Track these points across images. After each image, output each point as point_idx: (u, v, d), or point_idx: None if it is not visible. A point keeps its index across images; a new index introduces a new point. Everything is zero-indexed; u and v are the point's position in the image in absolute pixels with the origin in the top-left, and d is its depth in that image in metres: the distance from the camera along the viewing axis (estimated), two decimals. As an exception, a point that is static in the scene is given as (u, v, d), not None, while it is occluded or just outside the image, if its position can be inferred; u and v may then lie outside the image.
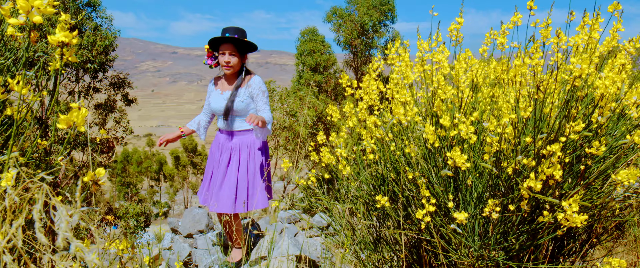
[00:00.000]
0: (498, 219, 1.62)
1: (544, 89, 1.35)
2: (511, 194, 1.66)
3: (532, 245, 1.68)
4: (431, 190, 1.67)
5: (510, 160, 1.52)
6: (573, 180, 1.65)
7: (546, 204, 1.63)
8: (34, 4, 0.63)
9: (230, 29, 2.68)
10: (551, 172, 1.40)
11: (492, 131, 1.48)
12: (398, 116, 1.57)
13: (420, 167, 1.64)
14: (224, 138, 2.80)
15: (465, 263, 1.83)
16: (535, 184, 1.41)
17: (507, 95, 1.62)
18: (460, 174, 1.70)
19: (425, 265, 2.10)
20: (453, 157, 1.48)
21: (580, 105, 1.41)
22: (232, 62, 2.66)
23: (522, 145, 1.48)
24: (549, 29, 1.66)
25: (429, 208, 1.49)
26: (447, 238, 1.78)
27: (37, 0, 0.63)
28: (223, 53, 2.67)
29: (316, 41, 13.06)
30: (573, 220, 1.42)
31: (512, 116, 1.36)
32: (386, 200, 1.67)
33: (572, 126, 1.43)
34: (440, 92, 1.55)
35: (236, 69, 2.72)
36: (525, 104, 1.48)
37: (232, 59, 2.66)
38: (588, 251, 1.98)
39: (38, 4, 0.63)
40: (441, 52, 1.84)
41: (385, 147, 1.88)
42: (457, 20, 1.89)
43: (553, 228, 1.63)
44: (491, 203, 1.48)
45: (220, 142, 2.82)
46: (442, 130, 1.62)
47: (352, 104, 2.14)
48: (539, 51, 1.64)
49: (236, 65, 2.69)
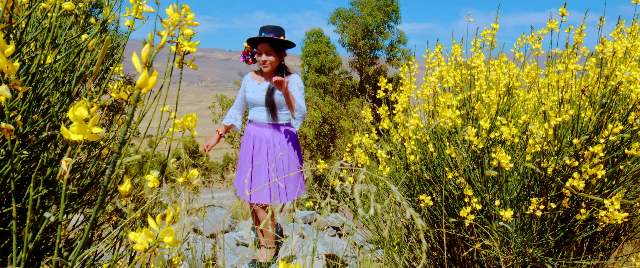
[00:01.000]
0: (538, 217, 1.70)
1: (588, 93, 1.42)
2: (548, 193, 1.73)
3: (569, 242, 1.76)
4: (473, 189, 1.75)
5: (551, 160, 1.60)
6: (609, 180, 1.73)
7: (583, 202, 1.71)
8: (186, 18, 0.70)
9: (267, 28, 2.73)
10: (594, 172, 1.47)
11: (535, 133, 1.56)
12: (443, 119, 1.64)
13: (463, 167, 1.71)
14: (257, 130, 2.84)
15: (501, 260, 1.90)
16: (579, 183, 1.49)
17: (542, 99, 1.70)
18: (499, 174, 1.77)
19: (459, 262, 2.17)
20: (498, 157, 1.56)
21: (620, 106, 1.49)
22: (268, 60, 2.73)
23: (565, 145, 1.55)
24: (583, 35, 1.74)
25: (475, 206, 1.56)
26: (484, 236, 1.85)
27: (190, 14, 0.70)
28: (260, 52, 2.73)
29: (321, 43, 13.13)
30: (614, 217, 1.49)
31: (558, 119, 1.43)
32: (429, 199, 1.74)
33: (612, 128, 1.51)
34: (485, 96, 1.62)
35: (274, 67, 2.77)
36: (566, 107, 1.55)
37: (268, 57, 2.72)
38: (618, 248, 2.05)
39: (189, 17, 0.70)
40: (478, 56, 1.91)
41: (424, 148, 1.95)
42: (493, 26, 1.96)
43: (590, 225, 1.70)
44: (535, 202, 1.56)
45: (251, 134, 2.86)
46: (484, 132, 1.69)
47: (387, 106, 2.22)
48: (575, 56, 1.71)
49: (273, 63, 2.75)
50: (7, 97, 0.48)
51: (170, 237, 0.52)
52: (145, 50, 0.50)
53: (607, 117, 1.47)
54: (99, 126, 0.50)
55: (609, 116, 1.51)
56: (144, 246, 0.51)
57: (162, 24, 0.63)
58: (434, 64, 1.96)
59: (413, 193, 2.16)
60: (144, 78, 0.47)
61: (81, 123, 0.48)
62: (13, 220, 0.55)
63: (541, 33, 1.86)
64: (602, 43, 1.41)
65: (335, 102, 13.05)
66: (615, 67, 1.38)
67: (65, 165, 0.51)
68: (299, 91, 2.72)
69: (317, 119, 12.43)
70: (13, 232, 0.55)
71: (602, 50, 1.40)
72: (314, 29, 13.30)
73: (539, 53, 1.87)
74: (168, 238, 0.52)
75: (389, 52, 13.96)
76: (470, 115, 1.76)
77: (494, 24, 1.99)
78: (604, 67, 1.50)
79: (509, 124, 1.60)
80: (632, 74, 1.30)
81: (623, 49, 1.49)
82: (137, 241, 0.51)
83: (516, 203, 1.81)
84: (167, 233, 0.52)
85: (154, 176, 0.75)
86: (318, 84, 13.14)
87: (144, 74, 0.47)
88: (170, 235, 0.52)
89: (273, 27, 2.75)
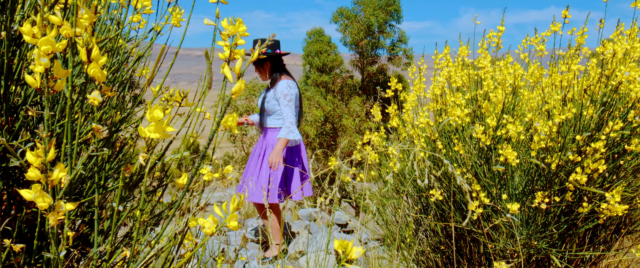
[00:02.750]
0: (542, 210, 1.78)
1: (590, 92, 1.51)
2: (551, 187, 1.82)
3: (572, 234, 1.85)
4: (480, 184, 1.83)
5: (555, 156, 1.68)
6: (610, 174, 1.82)
7: (585, 196, 1.79)
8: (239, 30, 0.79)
9: (254, 42, 2.89)
10: (596, 167, 1.56)
11: (540, 130, 1.64)
12: (453, 118, 1.73)
13: (471, 163, 1.80)
14: (260, 135, 3.19)
15: (508, 252, 1.99)
16: (581, 177, 1.58)
17: (546, 98, 1.78)
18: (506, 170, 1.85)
19: (465, 255, 2.25)
20: (505, 153, 1.64)
21: (620, 105, 1.58)
22: (259, 76, 3.14)
23: (568, 142, 1.64)
24: (584, 36, 1.83)
25: (483, 200, 1.65)
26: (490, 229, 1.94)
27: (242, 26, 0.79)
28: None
29: (323, 42, 13.20)
30: (615, 209, 1.58)
31: (561, 117, 1.52)
32: (439, 193, 1.83)
33: (612, 125, 1.59)
34: (492, 95, 1.71)
35: (264, 79, 3.14)
36: (569, 106, 1.64)
37: (257, 73, 3.14)
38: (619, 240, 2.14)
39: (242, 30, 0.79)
40: (485, 57, 2.00)
41: (433, 145, 2.03)
42: (499, 28, 2.05)
43: (592, 218, 1.79)
44: (540, 195, 1.64)
45: (261, 139, 3.18)
46: (491, 129, 1.78)
47: (396, 105, 2.30)
48: (578, 57, 1.80)
49: (263, 76, 3.13)
50: (100, 101, 0.56)
51: (234, 222, 0.61)
52: (239, 63, 0.59)
53: (608, 115, 1.56)
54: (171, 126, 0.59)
55: (609, 114, 1.59)
56: (212, 229, 0.59)
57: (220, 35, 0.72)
58: (442, 64, 2.04)
59: (420, 189, 2.24)
60: (238, 87, 0.56)
61: (158, 123, 0.56)
62: (95, 208, 0.63)
63: (544, 35, 1.94)
64: (602, 45, 1.50)
65: (337, 101, 13.13)
66: (615, 68, 1.47)
67: (142, 160, 0.59)
68: (283, 99, 2.96)
69: (319, 117, 12.51)
70: (95, 219, 0.63)
71: (602, 51, 1.48)
72: (315, 29, 13.36)
73: (543, 54, 1.96)
74: (233, 223, 0.61)
75: (390, 51, 14.03)
76: (477, 114, 1.85)
77: (499, 26, 2.08)
78: (605, 68, 1.59)
79: (515, 121, 1.69)
80: (632, 74, 1.38)
81: (622, 50, 1.57)
82: (206, 226, 0.59)
83: (521, 197, 1.90)
84: (232, 219, 0.60)
85: (208, 170, 0.83)
86: (320, 83, 13.21)
87: (238, 83, 0.56)
88: (235, 220, 0.61)
89: (253, 41, 2.91)
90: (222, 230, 4.15)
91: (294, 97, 2.96)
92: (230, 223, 0.61)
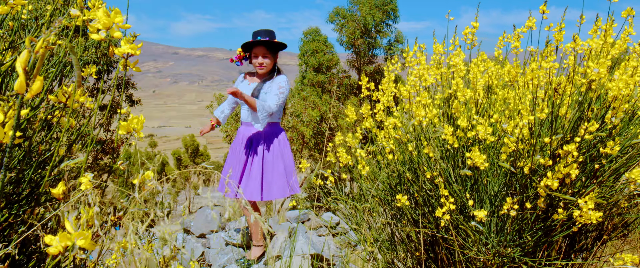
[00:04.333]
0: (514, 217, 1.68)
1: (561, 91, 1.41)
2: (526, 192, 1.72)
3: (546, 242, 1.74)
4: (449, 189, 1.73)
5: (526, 160, 1.58)
6: (587, 178, 1.71)
7: (561, 202, 1.69)
8: (115, 20, 0.69)
9: (261, 32, 2.83)
10: (567, 171, 1.45)
11: (510, 132, 1.54)
12: (419, 118, 1.63)
13: (439, 166, 1.70)
14: (246, 130, 2.91)
15: (481, 260, 1.89)
16: (552, 182, 1.47)
17: (524, 97, 1.68)
18: (476, 173, 1.75)
19: (440, 262, 2.15)
20: (472, 157, 1.54)
21: (595, 106, 1.47)
22: (265, 63, 2.83)
23: (539, 145, 1.54)
24: (562, 33, 1.72)
25: (449, 206, 1.55)
26: (464, 236, 1.83)
27: (118, 17, 0.69)
28: (256, 55, 2.83)
29: (319, 41, 13.11)
30: (588, 216, 1.48)
31: (530, 118, 1.42)
32: (405, 198, 1.73)
33: (587, 127, 1.49)
34: (460, 95, 1.61)
35: (269, 69, 2.87)
36: (542, 106, 1.54)
37: (265, 60, 2.82)
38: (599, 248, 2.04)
39: (119, 20, 0.69)
40: (458, 55, 1.90)
41: (403, 147, 1.94)
42: (473, 25, 1.95)
43: (567, 225, 1.69)
44: (509, 201, 1.54)
45: (242, 133, 2.93)
46: (460, 131, 1.68)
47: (369, 105, 2.20)
48: (553, 54, 1.70)
49: (269, 65, 2.85)
50: None
51: (83, 240, 0.51)
52: (24, 55, 0.48)
53: (580, 116, 1.46)
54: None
55: (584, 114, 1.49)
56: (58, 249, 0.49)
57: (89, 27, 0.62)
58: (413, 62, 1.94)
59: (394, 192, 2.14)
60: (20, 83, 0.46)
61: None
62: None
63: (520, 31, 1.84)
64: (574, 40, 1.39)
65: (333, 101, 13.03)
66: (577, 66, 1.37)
67: None
68: (277, 89, 2.78)
69: (315, 118, 12.42)
70: None
71: (574, 47, 1.38)
72: (311, 28, 13.29)
73: (518, 51, 1.86)
74: (81, 241, 0.51)
75: (387, 51, 13.93)
76: (447, 114, 1.75)
77: (473, 22, 1.98)
78: (579, 66, 1.49)
79: (484, 123, 1.59)
80: (601, 70, 1.28)
81: (599, 46, 1.47)
82: (52, 244, 0.50)
83: (495, 202, 1.80)
84: (81, 236, 0.50)
85: (88, 178, 0.73)
86: (316, 82, 13.12)
87: (21, 77, 0.46)
88: (85, 238, 0.51)
89: (267, 31, 2.84)
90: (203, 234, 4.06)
91: (286, 94, 2.84)
92: (79, 242, 0.51)
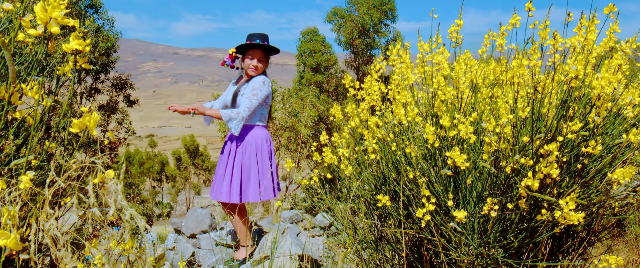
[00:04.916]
0: (497, 217, 1.65)
1: (541, 90, 1.38)
2: (510, 193, 1.69)
3: (531, 243, 1.71)
4: (431, 189, 1.70)
5: (508, 159, 1.55)
6: (570, 179, 1.68)
7: (544, 203, 1.66)
8: (52, 15, 0.66)
9: (258, 36, 2.86)
10: (548, 171, 1.43)
11: (491, 131, 1.51)
12: (399, 117, 1.60)
13: (421, 166, 1.67)
14: (230, 132, 2.92)
15: (465, 262, 1.86)
16: (533, 183, 1.44)
17: (505, 96, 1.66)
18: (460, 173, 1.73)
19: (426, 263, 2.13)
20: (452, 156, 1.51)
21: (577, 105, 1.44)
22: (260, 66, 2.87)
23: (520, 145, 1.51)
24: (547, 30, 1.69)
25: (429, 207, 1.52)
26: (447, 237, 1.81)
27: (56, 11, 0.66)
28: (252, 57, 2.85)
29: (317, 41, 13.09)
30: (570, 218, 1.45)
31: (510, 116, 1.39)
32: (387, 199, 1.70)
33: (570, 126, 1.46)
34: (440, 93, 1.58)
35: (261, 72, 2.90)
36: (523, 104, 1.51)
37: (260, 64, 2.87)
38: (587, 249, 2.01)
39: (56, 15, 0.67)
40: (441, 53, 1.87)
41: (387, 147, 1.91)
42: (457, 23, 1.92)
43: (551, 226, 1.66)
44: (490, 202, 1.51)
45: (228, 135, 2.95)
46: (442, 130, 1.65)
47: (354, 105, 2.18)
48: (537, 52, 1.67)
49: (261, 69, 2.90)
50: None
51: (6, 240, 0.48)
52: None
53: (562, 116, 1.43)
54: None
55: (565, 113, 1.46)
56: None
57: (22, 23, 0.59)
58: (396, 61, 1.92)
59: (379, 192, 2.12)
60: None
61: None
62: None
63: (504, 29, 1.81)
64: (554, 38, 1.37)
65: (331, 101, 13.02)
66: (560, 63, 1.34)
67: None
68: (250, 92, 2.79)
69: (313, 117, 12.40)
70: None
71: (553, 45, 1.35)
72: (309, 28, 13.26)
73: (503, 49, 1.83)
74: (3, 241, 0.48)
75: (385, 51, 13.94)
76: (429, 113, 1.72)
77: (458, 20, 1.95)
78: (561, 64, 1.46)
79: (466, 122, 1.56)
80: (578, 68, 1.26)
81: (579, 43, 1.45)
82: None
83: (478, 203, 1.77)
84: (3, 236, 0.48)
85: (29, 177, 0.71)
86: (314, 82, 13.10)
87: None
88: (6, 238, 0.48)
89: (262, 35, 2.88)
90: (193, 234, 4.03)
91: (263, 96, 2.81)
92: (2, 241, 0.49)
